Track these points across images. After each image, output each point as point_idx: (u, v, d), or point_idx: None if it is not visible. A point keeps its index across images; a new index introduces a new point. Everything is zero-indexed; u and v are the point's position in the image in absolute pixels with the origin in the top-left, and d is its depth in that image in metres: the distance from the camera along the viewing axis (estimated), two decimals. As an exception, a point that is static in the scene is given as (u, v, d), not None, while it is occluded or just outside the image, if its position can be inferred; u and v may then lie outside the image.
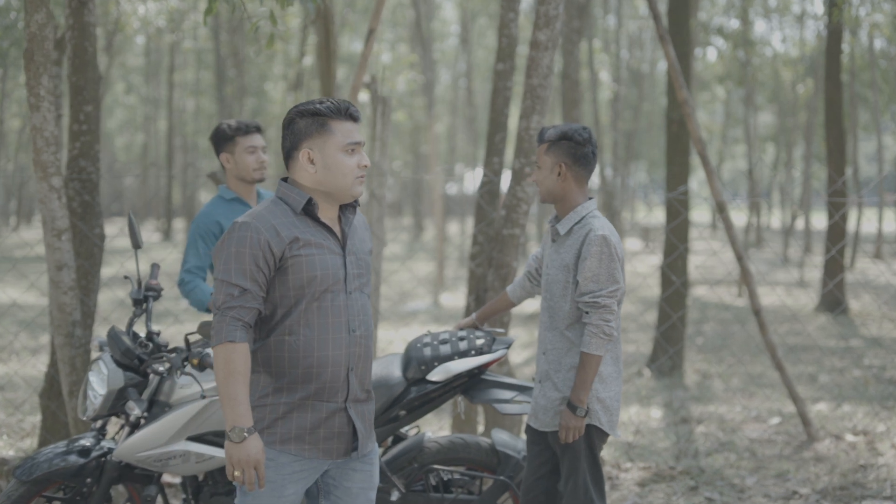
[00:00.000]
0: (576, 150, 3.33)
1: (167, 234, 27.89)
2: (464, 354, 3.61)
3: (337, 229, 2.76)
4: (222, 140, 4.20)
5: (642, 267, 19.43)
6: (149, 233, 29.49)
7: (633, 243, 28.15)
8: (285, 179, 2.76)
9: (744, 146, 28.84)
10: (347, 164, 2.68)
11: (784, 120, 26.39)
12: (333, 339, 2.67)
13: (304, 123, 2.68)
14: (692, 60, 8.26)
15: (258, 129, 4.24)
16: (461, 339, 3.66)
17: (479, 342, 3.64)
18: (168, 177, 25.08)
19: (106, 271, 16.84)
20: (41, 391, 4.94)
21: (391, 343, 9.46)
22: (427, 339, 3.68)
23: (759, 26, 41.31)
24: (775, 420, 6.57)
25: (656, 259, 20.22)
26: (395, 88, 18.10)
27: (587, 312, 3.21)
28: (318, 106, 2.68)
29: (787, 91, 24.51)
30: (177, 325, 10.32)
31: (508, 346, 3.70)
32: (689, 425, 6.47)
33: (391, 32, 27.94)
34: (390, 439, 3.83)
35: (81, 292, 4.57)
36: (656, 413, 6.89)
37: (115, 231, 28.70)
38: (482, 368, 3.66)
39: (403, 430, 3.84)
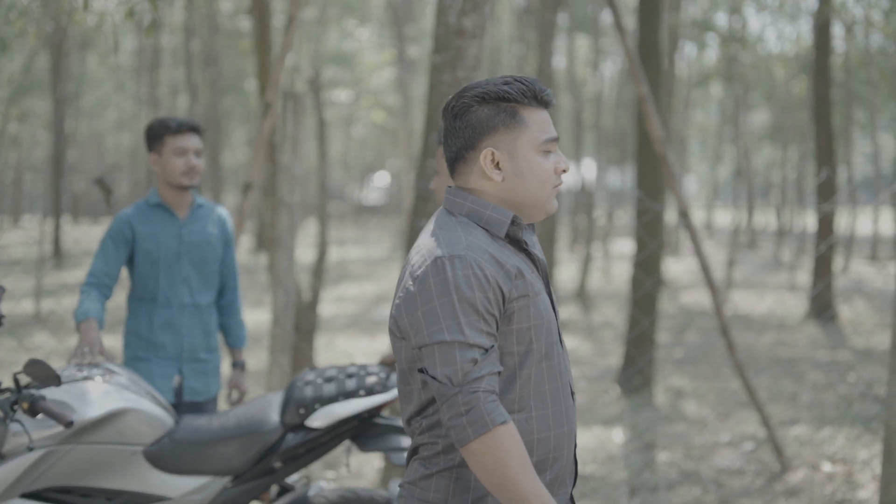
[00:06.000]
0: None
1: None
2: (351, 395, 3.06)
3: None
4: (151, 138, 3.68)
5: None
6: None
7: (627, 244, 27.60)
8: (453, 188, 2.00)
9: (739, 145, 28.30)
10: (545, 169, 1.94)
11: (779, 118, 25.85)
12: (566, 411, 1.98)
13: (487, 113, 1.92)
14: (662, 55, 7.68)
15: (193, 129, 3.68)
16: (350, 376, 3.11)
17: (371, 380, 3.09)
18: (147, 178, 24.53)
19: (79, 274, 16.32)
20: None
21: (352, 356, 8.93)
22: (310, 377, 3.13)
23: (754, 23, 40.73)
24: (748, 446, 6.02)
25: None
26: (371, 86, 17.61)
27: None
28: (503, 87, 1.91)
29: (781, 89, 23.97)
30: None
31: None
32: (652, 452, 5.91)
33: (385, 31, 27.42)
34: (274, 490, 3.29)
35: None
36: (618, 436, 6.33)
37: (102, 232, 28.21)
38: (374, 411, 3.11)
39: (291, 479, 3.29)
